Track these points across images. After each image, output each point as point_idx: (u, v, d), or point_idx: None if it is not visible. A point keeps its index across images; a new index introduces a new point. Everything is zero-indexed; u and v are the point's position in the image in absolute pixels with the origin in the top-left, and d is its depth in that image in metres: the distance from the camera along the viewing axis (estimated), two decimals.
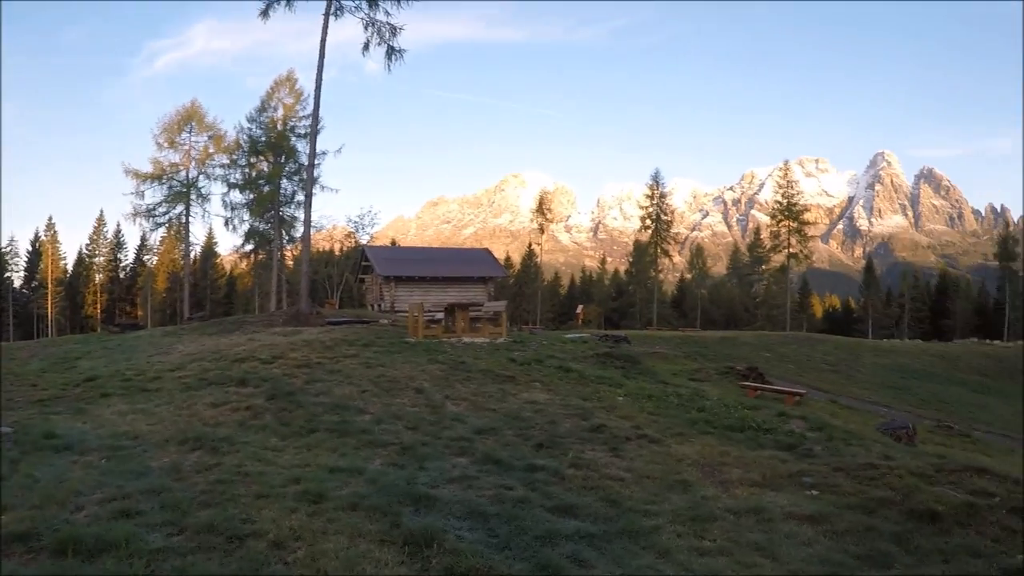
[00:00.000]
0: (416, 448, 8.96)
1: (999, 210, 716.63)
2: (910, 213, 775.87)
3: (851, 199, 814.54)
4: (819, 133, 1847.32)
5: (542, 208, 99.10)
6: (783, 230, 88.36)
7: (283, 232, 59.35)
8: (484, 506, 6.70)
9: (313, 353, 17.12)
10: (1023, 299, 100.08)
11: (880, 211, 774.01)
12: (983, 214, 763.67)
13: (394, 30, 33.60)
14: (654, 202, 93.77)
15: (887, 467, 9.15)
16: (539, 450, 9.36)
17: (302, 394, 12.39)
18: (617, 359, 21.45)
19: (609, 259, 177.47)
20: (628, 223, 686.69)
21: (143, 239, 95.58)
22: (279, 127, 57.20)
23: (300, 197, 56.53)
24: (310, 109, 40.56)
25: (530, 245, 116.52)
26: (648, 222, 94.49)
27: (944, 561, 6.14)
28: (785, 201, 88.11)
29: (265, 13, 33.28)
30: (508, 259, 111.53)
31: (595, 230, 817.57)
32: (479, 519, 6.37)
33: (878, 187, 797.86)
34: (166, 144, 60.81)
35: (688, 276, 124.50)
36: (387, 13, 33.38)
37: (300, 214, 55.75)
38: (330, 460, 8.23)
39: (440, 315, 27.31)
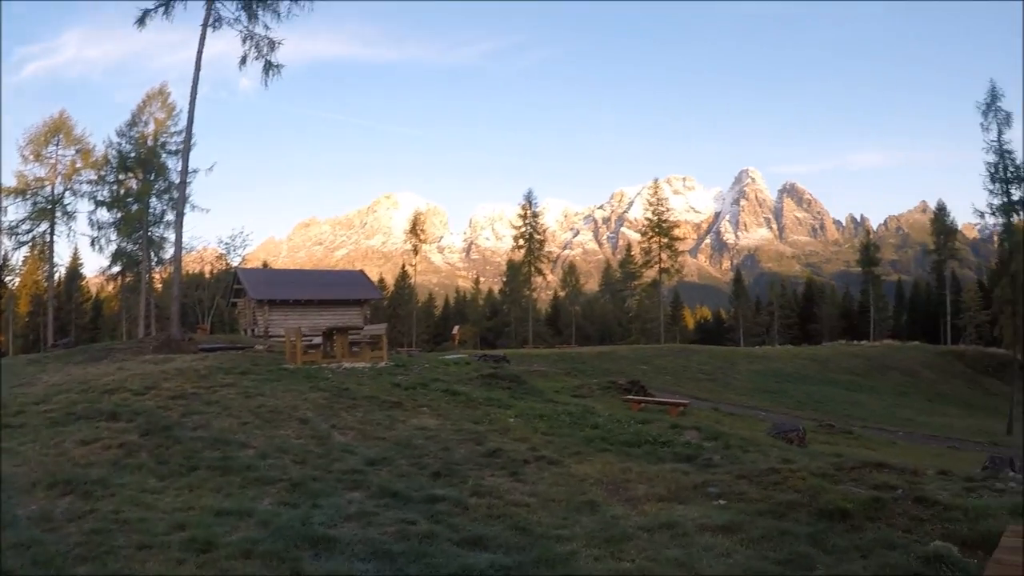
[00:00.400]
0: (307, 484, 8.36)
1: (859, 220, 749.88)
2: (774, 226, 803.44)
3: (718, 214, 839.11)
4: (685, 152, 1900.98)
5: (416, 229, 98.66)
6: (654, 246, 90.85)
7: (152, 253, 57.41)
8: (388, 544, 6.26)
9: (188, 383, 16.13)
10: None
11: (746, 225, 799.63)
12: (844, 224, 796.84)
13: (272, 44, 32.94)
14: (527, 222, 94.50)
15: (788, 470, 9.21)
16: (437, 479, 8.92)
17: (179, 428, 11.45)
18: (502, 379, 21.15)
19: (483, 279, 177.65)
20: (501, 243, 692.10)
21: (4, 259, 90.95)
22: (150, 142, 55.42)
23: (170, 217, 54.91)
24: (182, 124, 39.85)
25: (404, 266, 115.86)
26: (521, 241, 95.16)
27: (862, 556, 6.17)
28: (656, 218, 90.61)
29: (142, 21, 32.08)
30: (382, 280, 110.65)
31: (468, 250, 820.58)
32: (385, 560, 5.93)
33: (743, 202, 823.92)
34: (31, 157, 58.02)
35: (561, 293, 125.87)
36: (266, 27, 32.70)
37: (170, 234, 54.46)
38: (215, 501, 7.58)
39: (318, 339, 26.58)
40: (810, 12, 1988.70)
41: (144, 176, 55.54)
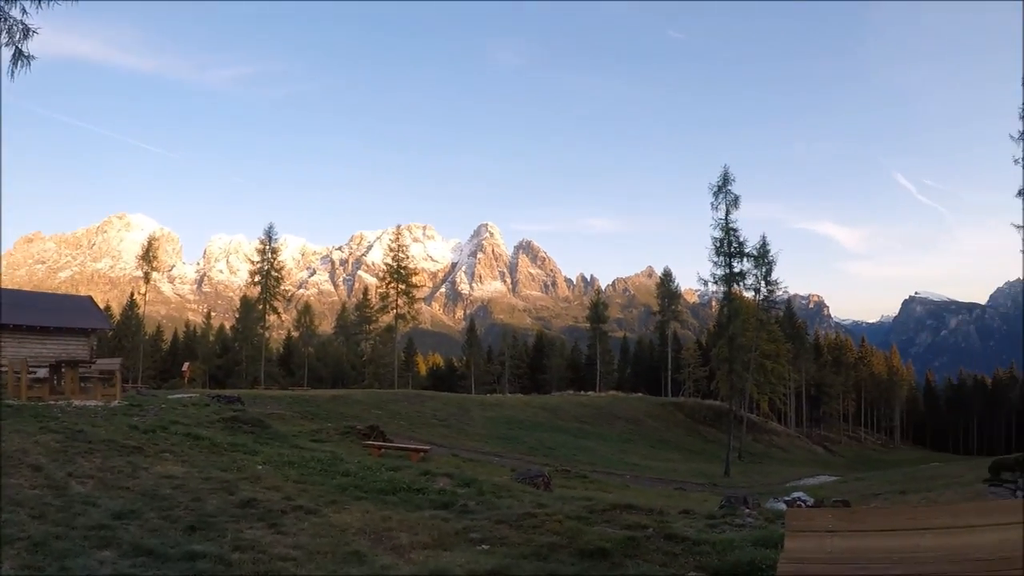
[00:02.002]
0: (50, 543, 7.35)
1: (589, 279, 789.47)
2: (508, 280, 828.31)
3: (454, 265, 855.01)
4: (427, 201, 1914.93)
5: (149, 255, 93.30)
6: (392, 291, 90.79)
7: None
8: None
9: None
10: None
11: (481, 277, 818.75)
12: (574, 282, 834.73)
13: (27, 31, 30.40)
14: (265, 257, 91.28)
15: (544, 514, 9.45)
16: (192, 533, 8.26)
17: None
18: (245, 423, 20.42)
19: (214, 313, 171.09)
20: (235, 277, 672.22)
21: None
22: None
23: None
24: None
25: (132, 295, 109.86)
26: (258, 277, 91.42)
27: None
28: (396, 264, 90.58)
29: None
30: (108, 308, 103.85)
31: (200, 282, 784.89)
32: None
33: (480, 255, 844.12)
34: None
35: (295, 334, 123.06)
36: (24, 11, 30.22)
37: None
38: None
39: (43, 372, 24.50)
40: (552, 81, 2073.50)
41: None
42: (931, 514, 4.87)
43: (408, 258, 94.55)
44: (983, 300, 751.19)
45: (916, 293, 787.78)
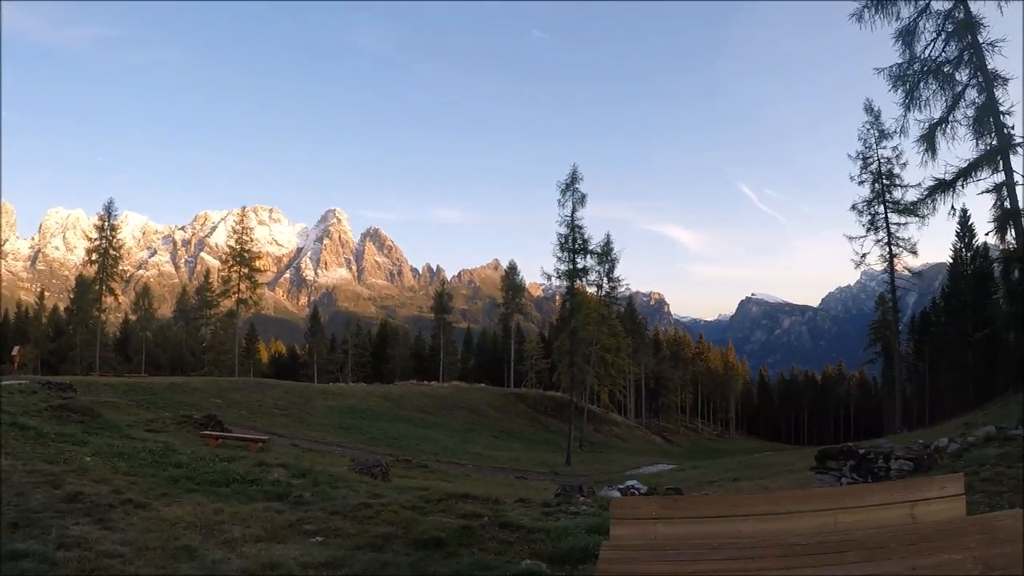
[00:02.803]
0: None
1: (435, 270, 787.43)
2: (354, 267, 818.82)
3: (300, 250, 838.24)
4: (275, 185, 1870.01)
5: None
6: (235, 275, 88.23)
7: None
8: None
9: None
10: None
11: (327, 263, 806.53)
12: (420, 272, 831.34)
13: None
14: (104, 235, 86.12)
15: (380, 504, 9.46)
16: (15, 531, 7.76)
17: None
18: (74, 412, 19.62)
19: (48, 293, 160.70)
20: (72, 255, 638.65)
21: None
22: None
23: None
24: None
25: None
26: (95, 256, 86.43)
27: None
28: (239, 247, 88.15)
29: None
30: None
31: (34, 259, 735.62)
32: None
33: (327, 241, 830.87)
34: None
35: (133, 317, 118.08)
36: None
37: None
38: None
39: None
40: (412, 71, 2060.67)
41: None
42: (752, 501, 5.11)
43: (252, 241, 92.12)
44: (815, 303, 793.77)
45: (753, 294, 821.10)
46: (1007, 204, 22.82)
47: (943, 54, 23.53)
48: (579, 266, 58.25)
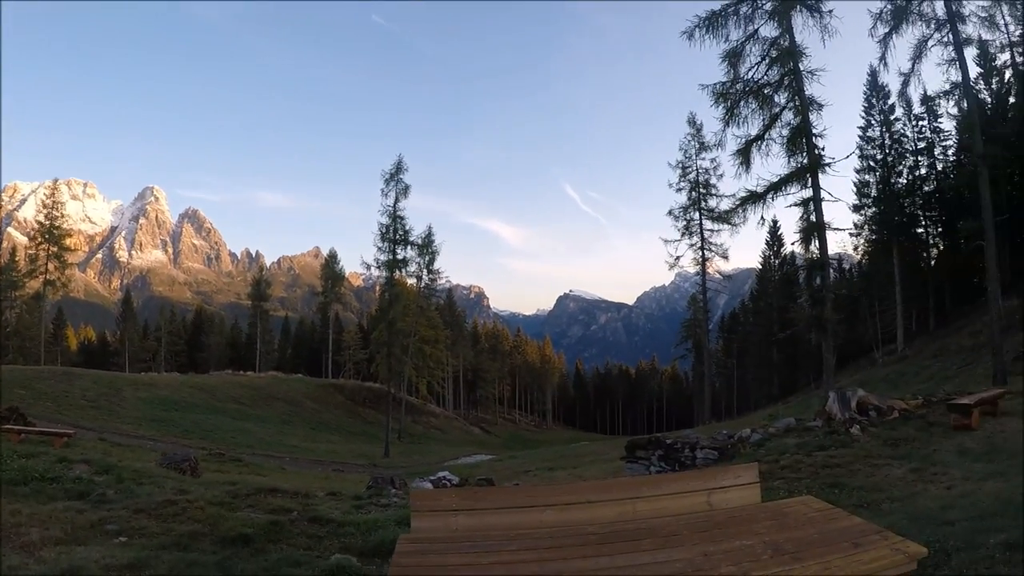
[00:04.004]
0: None
1: (254, 255, 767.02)
2: (171, 249, 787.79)
3: (114, 229, 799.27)
4: (90, 157, 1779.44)
5: None
6: (43, 254, 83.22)
7: None
8: None
9: None
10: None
11: (142, 244, 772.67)
12: (239, 257, 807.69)
13: None
14: None
15: (186, 501, 9.11)
16: None
17: None
18: None
19: None
20: None
21: None
22: None
23: None
24: None
25: None
26: None
27: None
28: (49, 223, 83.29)
29: None
30: None
31: None
32: None
33: (143, 220, 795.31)
34: None
35: None
36: None
37: None
38: None
39: None
40: (245, 44, 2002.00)
41: None
42: (552, 492, 5.21)
43: (64, 217, 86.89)
44: (631, 301, 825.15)
45: (571, 291, 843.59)
46: (812, 217, 24.36)
47: (765, 77, 24.87)
48: (399, 257, 58.26)
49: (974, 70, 50.92)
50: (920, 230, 62.33)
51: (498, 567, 4.09)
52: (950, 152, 61.07)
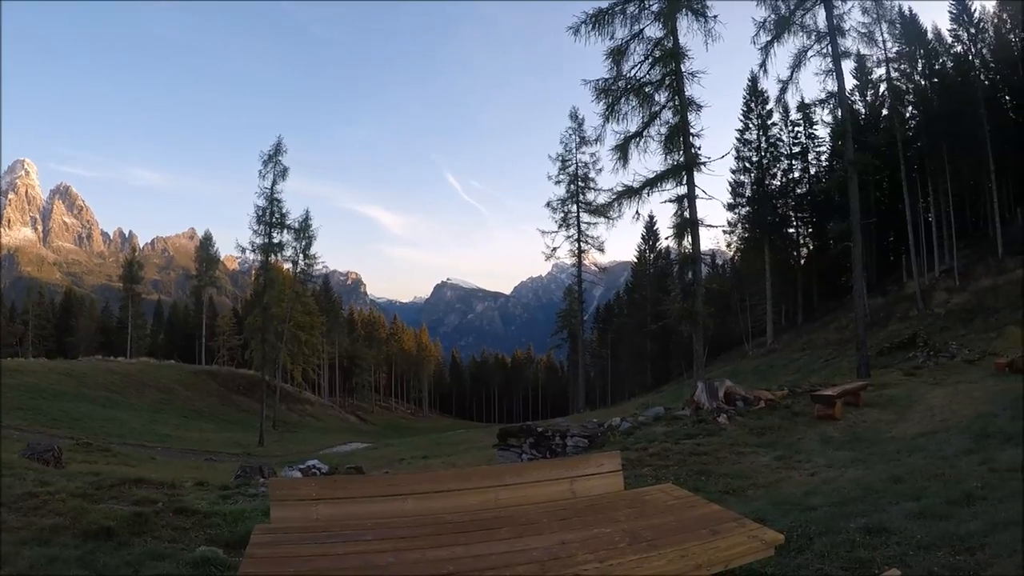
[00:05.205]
0: None
1: (127, 235, 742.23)
2: (40, 228, 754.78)
3: None
4: None
5: None
6: None
7: None
8: None
9: None
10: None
11: (10, 221, 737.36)
12: (112, 237, 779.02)
13: None
14: None
15: (47, 493, 8.78)
16: None
17: None
18: None
19: None
20: None
21: None
22: None
23: None
24: None
25: None
26: None
27: (134, 571, 6.15)
28: None
29: None
30: None
31: None
32: None
33: (11, 196, 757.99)
34: None
35: None
36: None
37: None
38: None
39: None
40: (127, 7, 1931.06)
41: None
42: (415, 480, 5.24)
43: None
44: (508, 291, 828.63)
45: (448, 279, 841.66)
46: (687, 214, 24.99)
47: (647, 76, 25.34)
48: (275, 241, 57.14)
49: (850, 82, 53.68)
50: (791, 230, 64.75)
51: (353, 557, 4.09)
52: (823, 157, 63.87)
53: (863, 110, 58.46)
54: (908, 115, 51.71)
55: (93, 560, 6.38)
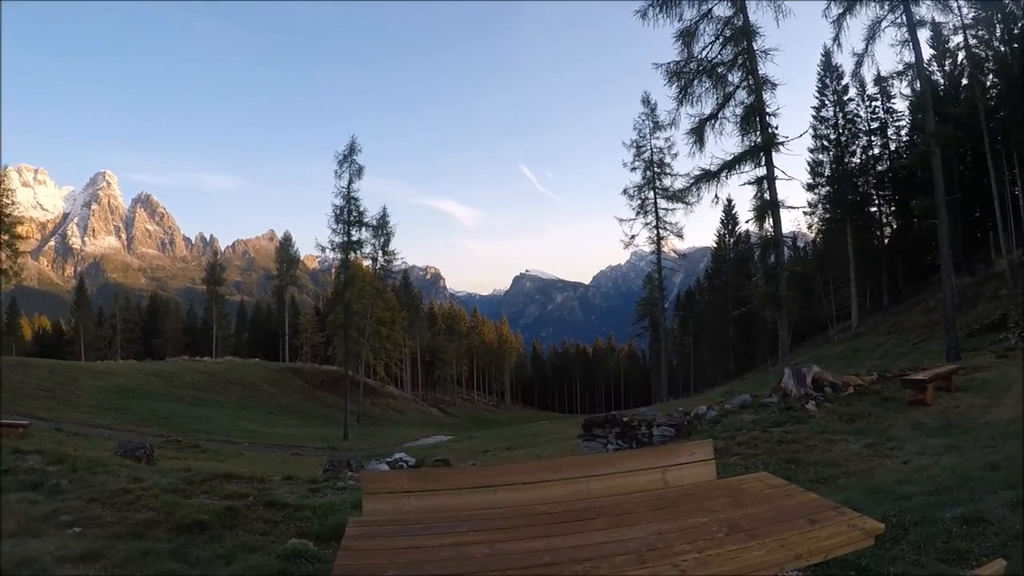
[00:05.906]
0: None
1: (208, 240, 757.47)
2: (124, 235, 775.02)
3: (66, 216, 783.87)
4: (41, 142, 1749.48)
5: None
6: None
7: None
8: None
9: None
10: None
11: (95, 231, 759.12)
12: (193, 242, 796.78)
13: None
14: None
15: (140, 489, 8.95)
16: None
17: None
18: None
19: None
20: None
21: None
22: None
23: None
24: None
25: None
26: None
27: (227, 564, 6.23)
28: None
29: None
30: None
31: None
32: None
33: (95, 206, 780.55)
34: None
35: None
36: None
37: None
38: None
39: None
40: (184, 22, 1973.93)
41: None
42: (505, 472, 5.17)
43: (14, 204, 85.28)
44: (587, 281, 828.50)
45: (527, 270, 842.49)
46: (767, 196, 24.45)
47: (719, 56, 24.88)
48: (354, 238, 57.66)
49: (927, 51, 51.79)
50: (873, 209, 63.04)
51: (448, 549, 4.05)
52: (903, 132, 61.84)
53: (942, 81, 56.49)
54: (989, 84, 49.80)
55: (186, 553, 6.47)
